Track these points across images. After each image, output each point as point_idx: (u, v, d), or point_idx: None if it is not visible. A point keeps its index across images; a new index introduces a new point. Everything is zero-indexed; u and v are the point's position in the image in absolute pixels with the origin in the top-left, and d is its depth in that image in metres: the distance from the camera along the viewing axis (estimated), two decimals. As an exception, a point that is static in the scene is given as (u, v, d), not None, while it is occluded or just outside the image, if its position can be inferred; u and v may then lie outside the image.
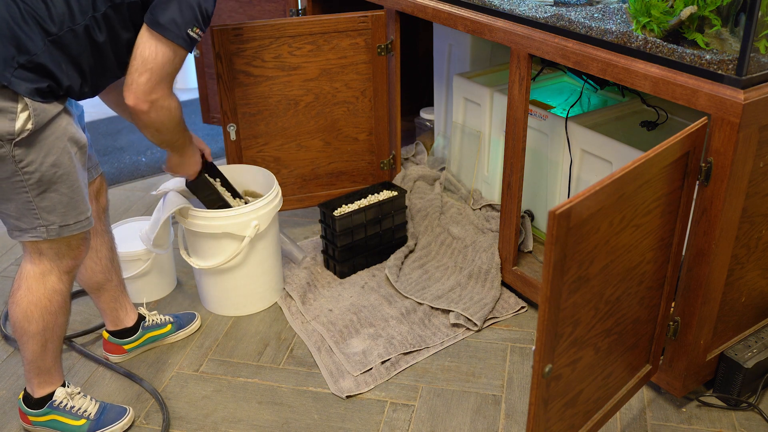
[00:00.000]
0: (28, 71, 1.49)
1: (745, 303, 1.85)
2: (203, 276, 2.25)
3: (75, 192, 1.62)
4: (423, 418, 1.88)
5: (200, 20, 1.66)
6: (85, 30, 1.56)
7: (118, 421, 1.84)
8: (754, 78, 1.50)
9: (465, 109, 2.62)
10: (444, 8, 2.17)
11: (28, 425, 1.84)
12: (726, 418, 1.85)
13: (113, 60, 1.66)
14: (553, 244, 1.13)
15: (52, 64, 1.52)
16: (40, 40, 1.50)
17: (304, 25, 2.37)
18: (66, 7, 1.53)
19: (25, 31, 1.48)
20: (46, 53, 1.51)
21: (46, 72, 1.52)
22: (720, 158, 1.53)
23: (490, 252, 2.34)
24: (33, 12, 1.50)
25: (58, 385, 1.81)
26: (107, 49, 1.62)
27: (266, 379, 2.03)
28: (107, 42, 1.61)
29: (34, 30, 1.49)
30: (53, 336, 1.73)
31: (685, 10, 1.59)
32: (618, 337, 1.49)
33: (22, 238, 1.63)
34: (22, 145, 1.51)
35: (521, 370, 2.04)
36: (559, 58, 1.83)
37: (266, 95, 2.44)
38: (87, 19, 1.55)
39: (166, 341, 2.16)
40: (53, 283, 1.69)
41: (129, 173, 3.22)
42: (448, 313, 2.23)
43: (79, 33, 1.55)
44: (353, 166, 2.66)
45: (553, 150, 2.27)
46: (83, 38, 1.56)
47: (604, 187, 1.20)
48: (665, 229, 1.51)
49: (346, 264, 2.43)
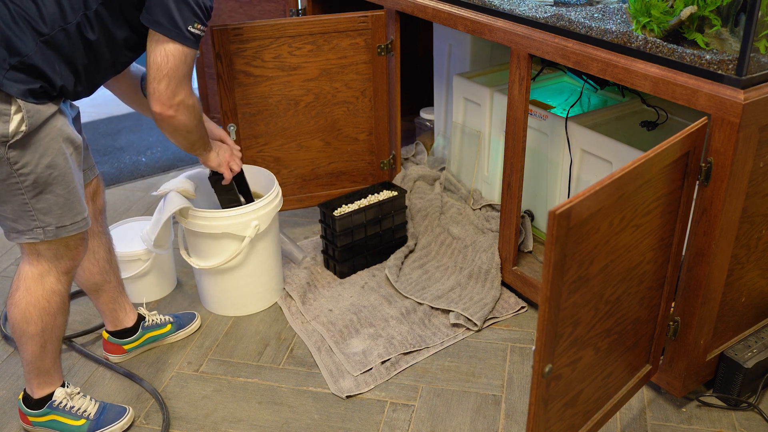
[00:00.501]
0: (20, 72, 1.48)
1: (745, 303, 1.85)
2: (203, 276, 2.25)
3: (71, 193, 1.62)
4: (423, 418, 1.88)
5: (200, 15, 1.67)
6: (77, 28, 1.55)
7: (117, 420, 1.84)
8: (754, 78, 1.50)
9: (465, 109, 2.62)
10: (444, 8, 2.17)
11: (28, 426, 1.84)
12: (726, 418, 1.85)
13: (108, 58, 1.65)
14: (553, 244, 1.13)
15: (45, 65, 1.52)
16: (31, 41, 1.49)
17: (304, 25, 2.37)
18: (57, 6, 1.52)
19: (16, 32, 1.48)
20: (38, 54, 1.50)
21: (38, 73, 1.51)
22: (720, 158, 1.53)
23: (490, 252, 2.34)
24: (23, 13, 1.49)
25: (57, 386, 1.81)
26: (101, 47, 1.62)
27: (266, 379, 2.03)
28: (100, 40, 1.60)
29: (25, 31, 1.49)
30: (52, 337, 1.73)
31: (685, 10, 1.59)
32: (618, 337, 1.49)
33: (20, 239, 1.62)
34: (17, 147, 1.51)
35: (521, 370, 2.04)
36: (559, 58, 1.83)
37: (266, 95, 2.44)
38: (79, 17, 1.55)
39: (166, 341, 2.16)
40: (51, 284, 1.68)
41: (129, 173, 3.22)
42: (448, 313, 2.23)
43: (71, 32, 1.54)
44: (353, 166, 2.66)
45: (553, 150, 2.27)
46: (76, 37, 1.55)
47: (604, 187, 1.20)
48: (665, 229, 1.51)
49: (346, 264, 2.43)
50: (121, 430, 1.85)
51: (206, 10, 1.70)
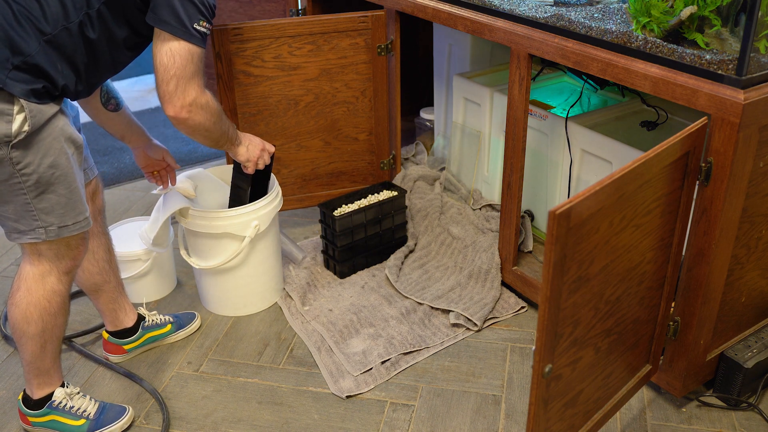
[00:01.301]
0: (23, 72, 1.48)
1: (745, 303, 1.85)
2: (203, 276, 2.26)
3: (73, 193, 1.62)
4: (423, 418, 1.88)
5: (205, 13, 1.67)
6: (79, 27, 1.55)
7: (117, 420, 1.84)
8: (754, 78, 1.50)
9: (465, 109, 2.62)
10: (444, 8, 2.17)
11: (28, 426, 1.84)
12: (726, 418, 1.85)
13: (108, 57, 1.65)
14: (553, 244, 1.13)
15: (48, 64, 1.52)
16: (35, 40, 1.49)
17: (304, 25, 2.37)
18: (60, 6, 1.52)
19: (19, 32, 1.48)
20: (41, 53, 1.50)
21: (41, 72, 1.51)
22: (720, 158, 1.53)
23: (490, 252, 2.34)
24: (27, 12, 1.49)
25: (57, 386, 1.81)
26: (101, 46, 1.61)
27: (266, 379, 2.03)
28: (101, 39, 1.60)
29: (28, 31, 1.49)
30: (52, 337, 1.73)
31: (685, 10, 1.59)
32: (618, 337, 1.49)
33: (21, 240, 1.62)
34: (19, 147, 1.51)
35: (521, 370, 2.04)
36: (559, 58, 1.83)
37: (266, 95, 2.44)
38: (81, 15, 1.55)
39: (166, 341, 2.16)
40: (52, 284, 1.68)
41: (129, 173, 3.22)
42: (448, 313, 2.23)
43: (73, 31, 1.54)
44: (353, 166, 2.66)
45: (553, 150, 2.27)
46: (77, 35, 1.55)
47: (604, 187, 1.20)
48: (665, 229, 1.51)
49: (346, 264, 2.43)
50: (121, 429, 1.85)
51: (210, 8, 1.70)
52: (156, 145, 2.05)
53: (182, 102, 1.69)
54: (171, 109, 1.70)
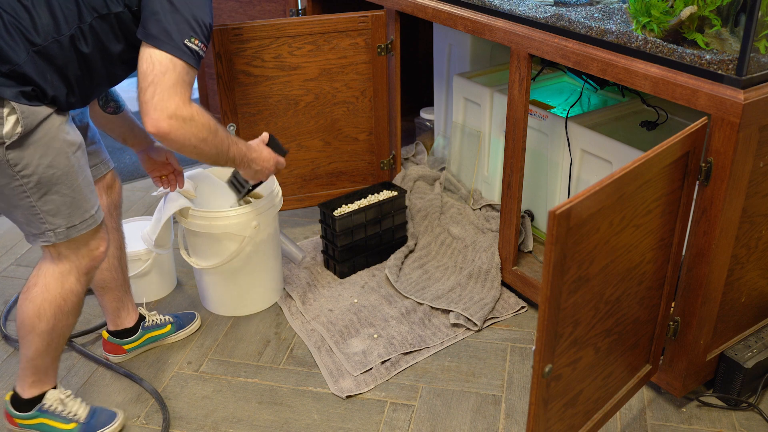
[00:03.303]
0: (10, 79, 1.48)
1: (745, 303, 1.85)
2: (203, 276, 2.26)
3: (76, 191, 1.61)
4: (423, 418, 1.88)
5: (198, 31, 1.58)
6: (71, 41, 1.53)
7: (108, 425, 1.83)
8: (754, 78, 1.50)
9: (465, 109, 2.62)
10: (444, 8, 2.17)
11: (14, 427, 1.81)
12: (726, 418, 1.85)
13: (102, 71, 1.62)
14: (553, 244, 1.13)
15: (36, 74, 1.50)
16: (23, 50, 1.48)
17: (304, 25, 2.37)
18: (51, 17, 1.50)
19: (8, 41, 1.47)
20: (29, 63, 1.49)
21: (29, 81, 1.50)
22: (720, 158, 1.53)
23: (490, 252, 2.34)
24: (17, 23, 1.48)
25: (50, 387, 1.80)
26: (95, 60, 1.59)
27: (266, 379, 2.03)
28: (94, 53, 1.58)
29: (17, 41, 1.48)
30: (59, 336, 1.72)
31: (685, 10, 1.59)
32: (618, 337, 1.49)
33: (35, 242, 1.63)
34: (15, 148, 1.50)
35: (521, 370, 2.04)
36: (559, 58, 1.83)
37: (266, 95, 2.44)
38: (72, 29, 1.53)
39: (166, 341, 2.16)
40: (71, 283, 1.68)
41: (129, 173, 3.22)
42: (448, 313, 2.23)
43: (65, 44, 1.52)
44: (353, 166, 2.66)
45: (553, 150, 2.27)
46: (69, 49, 1.54)
47: (604, 187, 1.20)
48: (665, 229, 1.51)
49: (346, 264, 2.43)
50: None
51: (205, 26, 1.60)
52: (158, 147, 2.04)
53: (160, 113, 1.53)
54: (148, 122, 1.54)
